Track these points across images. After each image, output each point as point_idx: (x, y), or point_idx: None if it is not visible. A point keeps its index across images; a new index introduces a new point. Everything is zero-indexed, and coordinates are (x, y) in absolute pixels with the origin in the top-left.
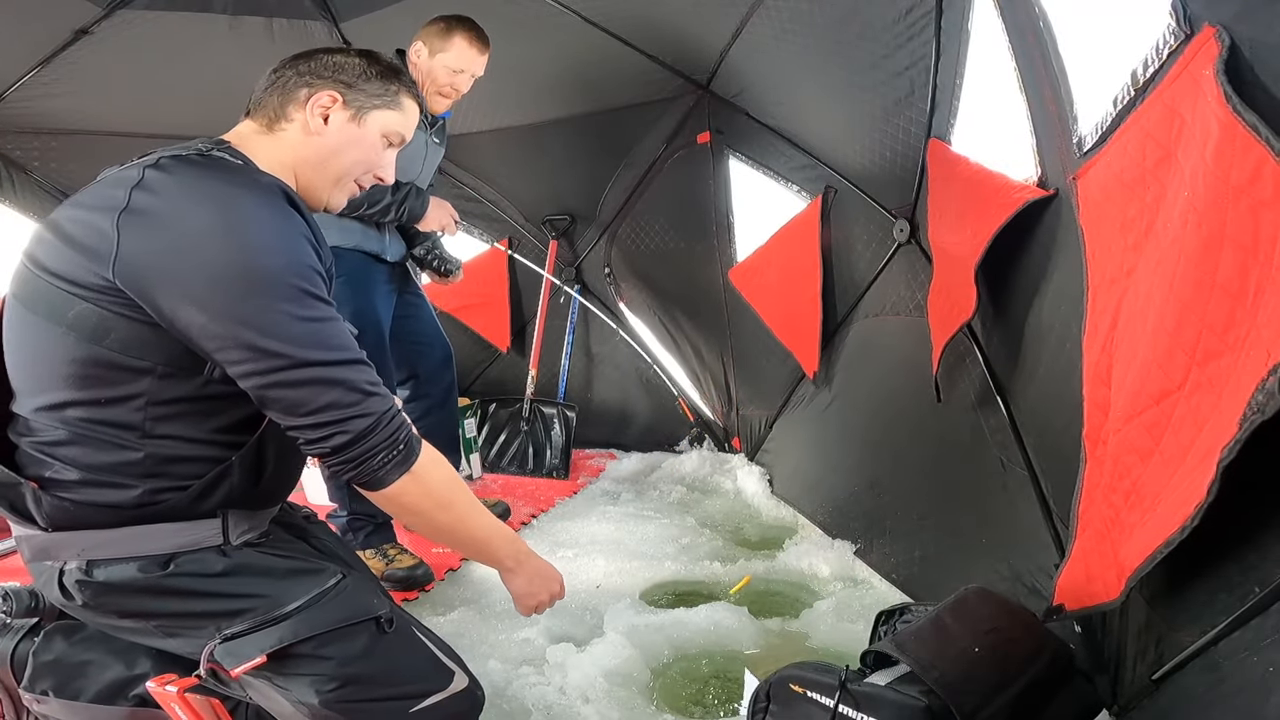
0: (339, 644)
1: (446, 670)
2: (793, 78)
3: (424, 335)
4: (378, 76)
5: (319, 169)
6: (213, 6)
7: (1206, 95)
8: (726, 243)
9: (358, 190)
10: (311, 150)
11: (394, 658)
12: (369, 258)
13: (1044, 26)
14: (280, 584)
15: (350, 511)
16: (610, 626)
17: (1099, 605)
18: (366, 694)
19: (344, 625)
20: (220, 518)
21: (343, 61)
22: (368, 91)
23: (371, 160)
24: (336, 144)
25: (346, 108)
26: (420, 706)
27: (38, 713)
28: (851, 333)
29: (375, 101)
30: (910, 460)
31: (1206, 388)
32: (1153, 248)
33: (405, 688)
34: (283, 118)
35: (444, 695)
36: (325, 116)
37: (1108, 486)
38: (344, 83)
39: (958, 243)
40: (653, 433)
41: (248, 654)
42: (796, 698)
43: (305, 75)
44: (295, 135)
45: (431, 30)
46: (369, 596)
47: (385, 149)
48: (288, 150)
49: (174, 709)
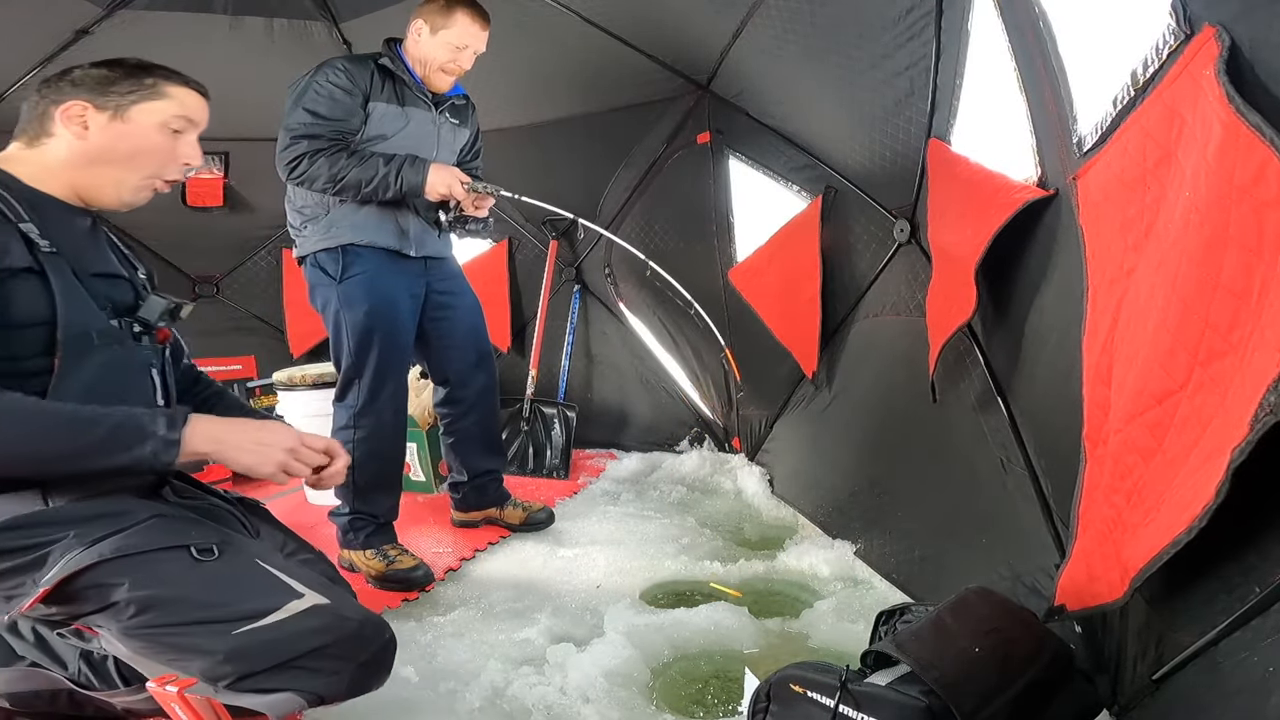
0: (137, 572)
1: (287, 591)
2: (793, 78)
3: (455, 337)
4: (124, 76)
5: (93, 169)
6: (213, 6)
7: (1207, 95)
8: (726, 243)
9: (161, 185)
10: (79, 154)
11: (209, 584)
12: (388, 254)
13: (1044, 26)
14: (80, 527)
15: (352, 510)
16: (610, 626)
17: (1102, 605)
18: (170, 618)
19: (139, 552)
20: (39, 490)
21: (81, 76)
22: (120, 91)
23: (157, 151)
24: (104, 143)
25: (101, 110)
26: (248, 628)
27: None
28: (852, 333)
29: (132, 97)
30: (910, 460)
31: (1210, 387)
32: (1153, 248)
33: (219, 610)
34: (43, 134)
35: (281, 615)
36: (84, 124)
37: (1109, 486)
38: (89, 90)
39: (958, 243)
40: (653, 433)
41: (31, 592)
42: (796, 698)
43: (49, 96)
44: (59, 147)
45: (431, 8)
46: (188, 529)
47: (174, 136)
48: (52, 159)
49: (174, 709)
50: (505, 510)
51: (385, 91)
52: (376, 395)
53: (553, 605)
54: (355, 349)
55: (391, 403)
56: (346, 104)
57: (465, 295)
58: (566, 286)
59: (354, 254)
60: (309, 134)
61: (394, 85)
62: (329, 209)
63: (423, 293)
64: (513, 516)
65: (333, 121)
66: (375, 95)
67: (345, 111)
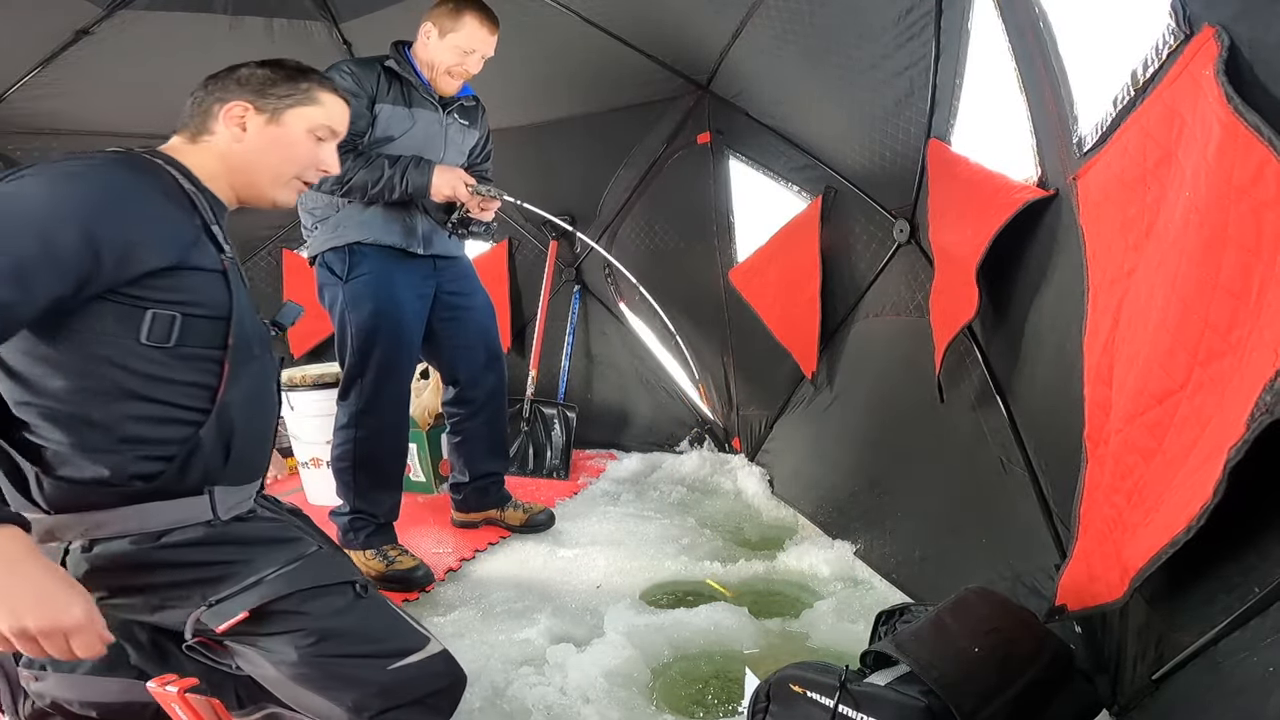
0: (316, 601)
1: (421, 635)
2: (793, 78)
3: (465, 338)
4: (284, 79)
5: (250, 170)
6: (213, 6)
7: (1207, 95)
8: (726, 243)
9: (304, 186)
10: (236, 155)
11: (369, 619)
12: (394, 253)
13: (1044, 26)
14: (261, 550)
15: (353, 510)
16: (610, 626)
17: (1102, 605)
18: (343, 649)
19: (322, 585)
20: (207, 495)
21: (246, 74)
22: (278, 94)
23: (305, 156)
24: (259, 146)
25: (260, 112)
26: (398, 664)
27: (35, 691)
28: (852, 333)
29: (288, 101)
30: (910, 460)
31: (1209, 387)
32: (1153, 248)
33: (381, 645)
34: (204, 131)
35: (422, 656)
36: (242, 125)
37: (1110, 486)
38: (252, 90)
39: (958, 243)
40: (653, 433)
41: (232, 613)
42: (796, 698)
43: (215, 92)
44: (218, 144)
45: (441, 11)
46: (347, 564)
47: (317, 143)
48: (214, 157)
49: (174, 709)
50: (506, 512)
51: (392, 93)
52: (379, 395)
53: (553, 605)
54: (359, 349)
55: (393, 403)
56: (353, 107)
57: (477, 296)
58: (566, 287)
59: (361, 254)
60: None
61: (401, 87)
62: (338, 209)
63: (432, 293)
64: (513, 518)
65: None
66: (381, 97)
67: (351, 114)
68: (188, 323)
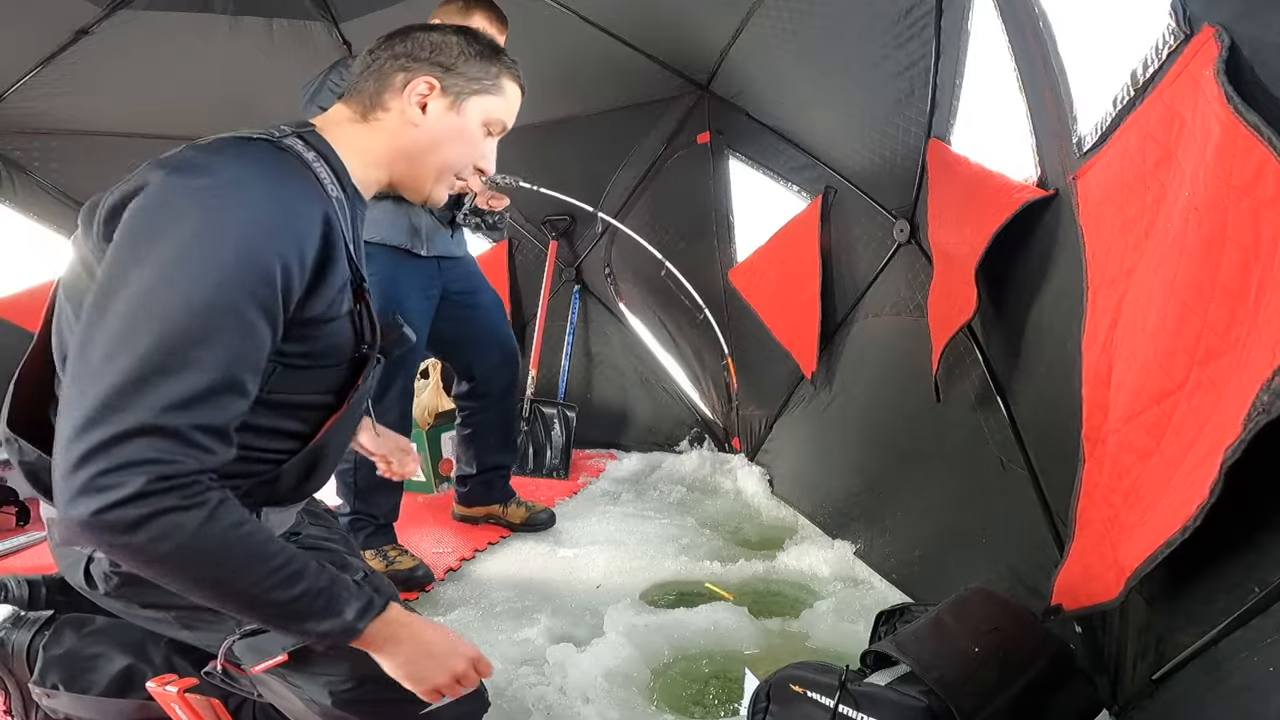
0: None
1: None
2: (792, 78)
3: (477, 337)
4: (477, 57)
5: (417, 162)
6: (213, 6)
7: (1207, 95)
8: (726, 243)
9: (456, 183)
10: (409, 142)
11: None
12: (399, 253)
13: (1044, 26)
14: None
15: (353, 511)
16: (610, 626)
17: (1097, 605)
18: (379, 694)
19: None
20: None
21: (441, 40)
22: (467, 75)
23: (472, 152)
24: (435, 136)
25: (445, 94)
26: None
27: (47, 707)
28: (852, 333)
29: (475, 86)
30: (910, 460)
31: (1207, 387)
32: (1153, 248)
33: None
34: (379, 106)
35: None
36: (423, 105)
37: (1107, 486)
38: (441, 65)
39: (958, 243)
40: (653, 433)
41: (269, 651)
42: (796, 698)
43: (401, 58)
44: (393, 125)
45: (450, 9)
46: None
47: (485, 138)
48: (384, 141)
49: (174, 709)
50: (508, 508)
51: None
52: (382, 395)
53: (553, 605)
54: None
55: (396, 403)
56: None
57: (485, 293)
58: (566, 286)
59: (367, 254)
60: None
61: None
62: None
63: (438, 294)
64: (515, 515)
65: None
66: None
67: None
68: (301, 373)
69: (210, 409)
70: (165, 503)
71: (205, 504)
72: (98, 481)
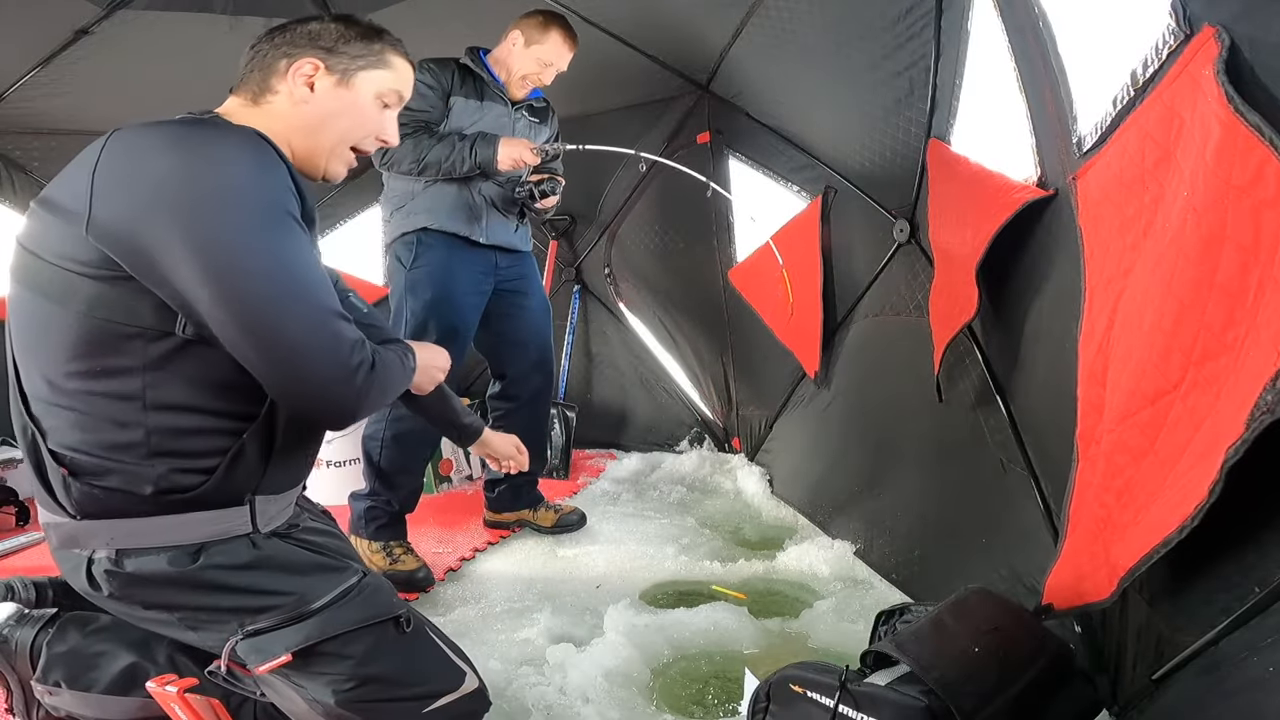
0: (360, 643)
1: (459, 671)
2: (792, 78)
3: (518, 335)
4: (358, 38)
5: (312, 136)
6: (213, 6)
7: (1206, 95)
8: (726, 243)
9: (354, 159)
10: (301, 119)
11: (410, 658)
12: (457, 241)
13: (1044, 26)
14: (305, 580)
15: (371, 493)
16: (610, 626)
17: (1088, 605)
18: (382, 694)
19: (366, 624)
20: (248, 505)
21: (319, 29)
22: (349, 54)
23: (368, 124)
24: (327, 109)
25: (330, 73)
26: (433, 707)
27: (49, 705)
28: (852, 333)
29: (360, 63)
30: (910, 460)
31: (1204, 387)
32: (1151, 248)
33: (419, 688)
34: (267, 90)
35: (456, 696)
36: (310, 84)
37: (1100, 486)
38: (323, 48)
39: (958, 243)
40: (653, 433)
41: (273, 651)
42: (796, 698)
43: (282, 46)
44: (282, 106)
45: (530, 23)
46: (389, 595)
47: (382, 109)
48: (277, 121)
49: (174, 709)
50: (538, 513)
51: (465, 88)
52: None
53: (553, 605)
54: (411, 333)
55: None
56: (430, 98)
57: (535, 296)
58: (566, 286)
59: (426, 243)
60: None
61: (473, 82)
62: (412, 196)
63: (491, 286)
64: (545, 519)
65: (418, 113)
66: (455, 91)
67: (429, 104)
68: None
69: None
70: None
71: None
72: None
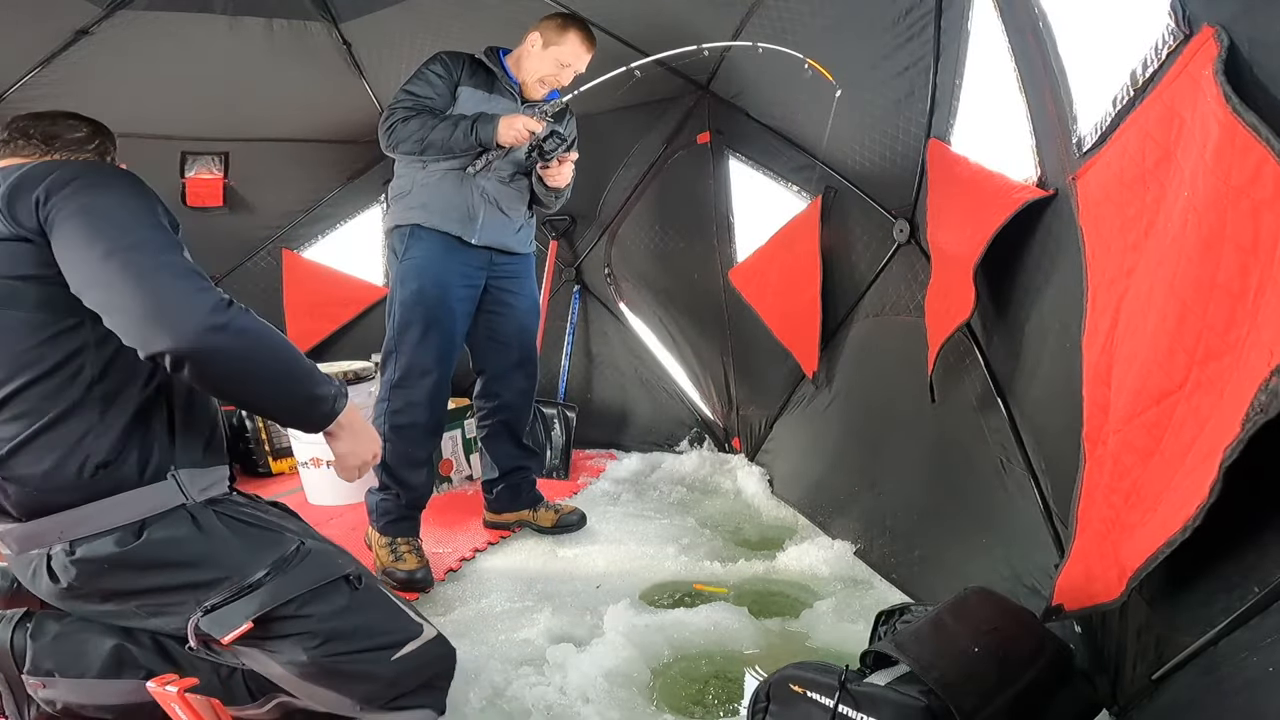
0: (317, 603)
1: (415, 621)
2: (793, 78)
3: (503, 334)
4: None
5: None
6: (213, 6)
7: (1206, 95)
8: (726, 243)
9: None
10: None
11: (367, 612)
12: (449, 240)
13: (1044, 26)
14: (247, 550)
15: (381, 485)
16: (610, 626)
17: (1099, 605)
18: (350, 646)
19: (319, 585)
20: (172, 479)
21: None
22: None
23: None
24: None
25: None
26: (401, 654)
27: (43, 698)
28: (852, 333)
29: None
30: (910, 460)
31: (1207, 387)
32: (1152, 248)
33: (383, 638)
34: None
35: (420, 643)
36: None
37: (1108, 487)
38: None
39: (957, 243)
40: (653, 433)
41: (233, 622)
42: (796, 698)
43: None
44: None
45: (549, 25)
46: (335, 556)
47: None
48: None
49: (174, 709)
50: (538, 513)
51: (475, 79)
52: (410, 373)
53: (553, 605)
54: (398, 326)
55: (426, 378)
56: (438, 85)
57: (525, 297)
58: (566, 286)
59: (417, 236)
60: (402, 105)
61: (485, 75)
62: (412, 188)
63: (482, 283)
64: (545, 519)
65: (423, 98)
66: (465, 81)
67: (436, 91)
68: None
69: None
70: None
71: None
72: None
